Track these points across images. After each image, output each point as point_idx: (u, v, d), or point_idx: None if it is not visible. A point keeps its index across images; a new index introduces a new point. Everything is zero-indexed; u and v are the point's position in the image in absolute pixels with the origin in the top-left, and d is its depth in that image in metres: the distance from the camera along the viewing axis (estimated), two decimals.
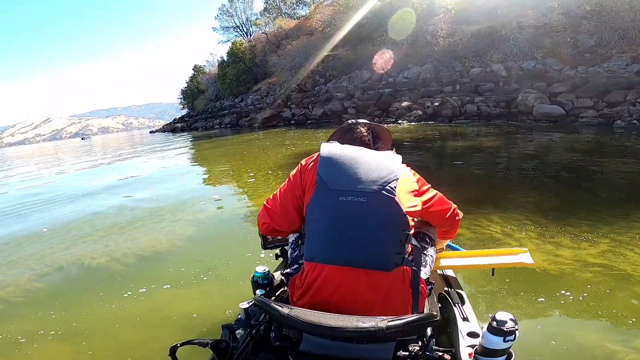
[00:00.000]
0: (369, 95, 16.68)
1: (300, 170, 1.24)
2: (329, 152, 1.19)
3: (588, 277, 2.17)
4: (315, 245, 1.09)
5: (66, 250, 3.55)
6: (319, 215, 1.09)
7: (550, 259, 2.40)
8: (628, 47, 12.13)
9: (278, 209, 1.26)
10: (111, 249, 3.45)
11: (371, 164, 1.14)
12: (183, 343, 0.92)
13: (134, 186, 7.10)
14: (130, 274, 2.89)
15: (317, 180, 1.12)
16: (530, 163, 5.53)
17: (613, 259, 2.33)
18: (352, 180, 1.10)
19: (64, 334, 2.16)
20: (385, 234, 1.05)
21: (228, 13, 42.85)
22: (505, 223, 3.05)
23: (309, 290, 1.07)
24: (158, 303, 2.38)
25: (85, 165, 13.36)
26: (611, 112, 9.14)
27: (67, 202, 6.14)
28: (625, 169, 4.81)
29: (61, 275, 3.03)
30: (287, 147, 10.90)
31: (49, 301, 2.59)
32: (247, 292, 2.30)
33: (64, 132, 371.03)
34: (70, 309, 2.43)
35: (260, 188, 5.61)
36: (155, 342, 1.98)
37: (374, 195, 1.07)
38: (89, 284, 2.81)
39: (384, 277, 1.04)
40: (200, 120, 33.67)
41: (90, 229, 4.26)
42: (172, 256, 3.17)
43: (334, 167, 1.14)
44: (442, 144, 8.53)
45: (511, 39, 14.51)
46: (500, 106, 11.87)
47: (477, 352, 0.93)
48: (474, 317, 1.31)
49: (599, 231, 2.74)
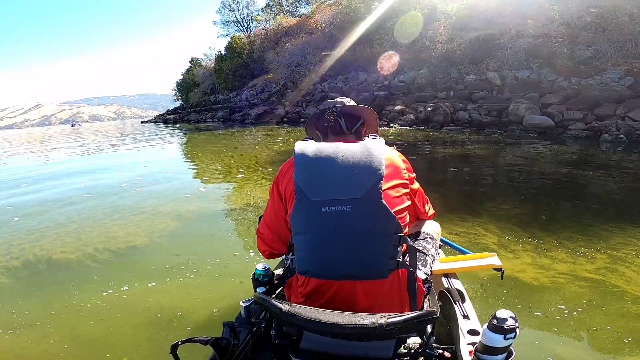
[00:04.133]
0: (364, 97, 16.67)
1: (276, 181, 1.17)
2: (303, 155, 1.08)
3: (584, 292, 2.16)
4: (305, 260, 1.04)
5: (35, 242, 3.39)
6: (304, 229, 1.03)
7: (546, 272, 2.40)
8: (623, 60, 12.24)
9: (269, 234, 1.23)
10: (83, 242, 3.32)
11: (351, 163, 1.03)
12: (184, 341, 0.91)
13: (116, 175, 6.99)
14: (103, 270, 2.77)
15: (296, 190, 1.04)
16: (521, 174, 5.55)
17: (609, 275, 2.32)
18: (333, 187, 1.01)
19: (27, 337, 1.99)
20: (376, 242, 0.99)
21: (230, 7, 42.77)
22: (502, 234, 3.05)
23: (305, 301, 1.04)
24: (138, 301, 2.28)
25: (71, 152, 13.12)
26: (599, 125, 9.24)
27: (44, 189, 5.99)
28: (614, 182, 4.85)
29: (29, 269, 2.88)
30: (279, 144, 10.86)
31: (13, 298, 2.43)
32: (234, 291, 2.31)
33: (53, 118, 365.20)
34: (38, 306, 2.29)
35: (248, 184, 5.54)
36: (142, 344, 1.88)
37: (358, 201, 0.99)
38: (59, 279, 2.68)
39: (380, 284, 1.01)
40: (193, 113, 33.46)
41: (65, 219, 4.12)
42: (152, 252, 3.07)
43: (312, 173, 1.05)
44: (433, 149, 8.59)
45: (508, 47, 14.61)
46: (492, 115, 11.93)
47: (477, 349, 0.93)
48: (474, 315, 1.29)
49: (595, 246, 2.75)
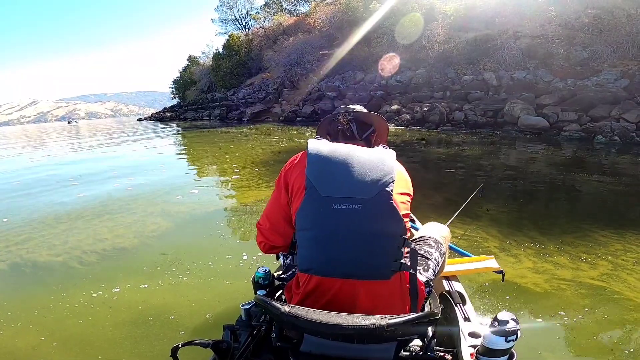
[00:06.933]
0: (360, 96, 16.67)
1: (285, 172, 1.15)
2: (318, 152, 1.08)
3: (585, 298, 2.15)
4: (309, 257, 1.03)
5: (22, 244, 3.35)
6: (311, 225, 1.02)
7: (547, 277, 2.39)
8: (620, 61, 12.27)
9: (268, 226, 1.21)
10: (71, 245, 3.29)
11: (365, 164, 1.05)
12: (184, 343, 0.91)
13: (109, 174, 6.95)
14: (92, 272, 2.74)
15: (307, 185, 1.03)
16: (518, 175, 5.58)
17: (611, 282, 2.31)
18: (346, 185, 1.02)
19: (6, 332, 1.95)
20: (383, 243, 1.01)
21: (228, 5, 42.53)
22: (504, 237, 3.05)
23: (305, 300, 1.04)
24: (129, 302, 2.26)
25: (65, 150, 13.05)
26: (594, 126, 9.30)
27: (36, 189, 5.94)
28: (609, 185, 4.87)
29: (15, 271, 2.85)
30: (276, 143, 10.84)
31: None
32: (228, 292, 2.32)
33: (49, 115, 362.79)
34: (27, 310, 2.23)
35: (244, 184, 5.53)
36: (137, 342, 1.88)
37: (370, 201, 1.00)
38: (46, 280, 2.64)
39: (382, 285, 1.01)
40: (189, 111, 33.30)
41: (53, 220, 4.08)
42: (142, 254, 3.05)
43: (325, 169, 1.05)
44: (428, 150, 8.58)
45: (505, 48, 14.65)
46: (487, 115, 11.97)
47: (478, 352, 0.93)
48: (475, 317, 1.30)
49: (596, 252, 2.73)
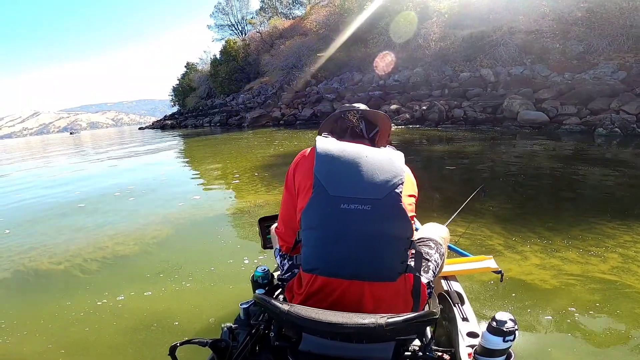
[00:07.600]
0: (359, 97, 16.71)
1: (292, 171, 1.15)
2: (326, 151, 1.07)
3: (596, 293, 2.11)
4: (315, 257, 1.02)
5: (25, 254, 3.37)
6: (318, 224, 1.01)
7: (556, 273, 2.35)
8: (616, 54, 12.27)
9: (284, 230, 1.21)
10: (72, 254, 3.30)
11: (374, 164, 1.04)
12: (183, 342, 0.91)
13: (110, 183, 6.97)
14: (95, 280, 2.74)
15: (315, 184, 1.02)
16: (520, 171, 5.54)
17: (623, 276, 2.26)
18: (355, 185, 1.01)
19: (13, 340, 1.94)
20: (390, 244, 1.00)
21: (224, 11, 42.75)
22: (508, 235, 3.00)
23: (308, 301, 1.03)
24: (133, 309, 2.27)
25: (69, 161, 13.12)
26: (594, 119, 9.29)
27: (38, 199, 5.99)
28: (613, 177, 4.85)
29: (19, 280, 2.87)
30: (276, 147, 10.86)
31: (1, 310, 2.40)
32: (230, 297, 2.32)
33: (51, 127, 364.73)
34: (31, 318, 2.25)
35: (244, 190, 5.55)
36: (140, 348, 1.88)
37: (379, 202, 0.99)
38: (51, 289, 2.67)
39: (388, 287, 1.01)
40: (190, 118, 33.46)
41: (54, 231, 4.09)
42: (145, 261, 3.07)
43: (333, 168, 1.03)
44: (429, 148, 8.59)
45: (501, 44, 14.67)
46: (487, 111, 11.98)
47: (476, 352, 0.93)
48: (473, 317, 1.30)
49: (605, 245, 2.68)
